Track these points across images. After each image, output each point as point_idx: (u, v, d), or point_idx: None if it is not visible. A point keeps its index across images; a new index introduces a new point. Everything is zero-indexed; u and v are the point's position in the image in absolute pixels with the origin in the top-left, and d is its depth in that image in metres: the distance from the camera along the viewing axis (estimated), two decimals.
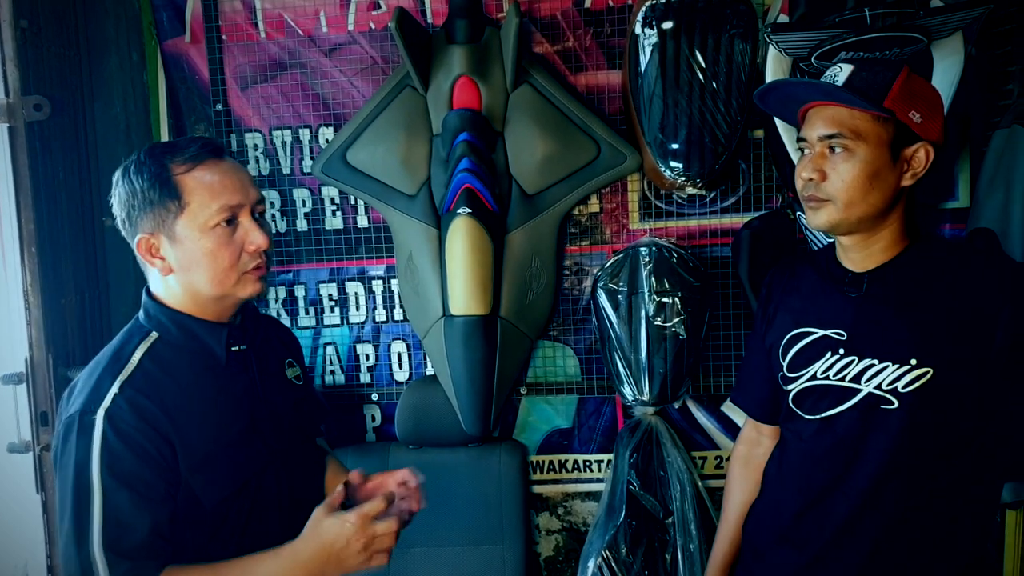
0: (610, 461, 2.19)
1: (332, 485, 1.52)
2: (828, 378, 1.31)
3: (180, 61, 2.16)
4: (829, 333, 1.32)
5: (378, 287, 2.22)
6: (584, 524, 2.25)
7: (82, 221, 2.06)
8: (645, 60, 1.92)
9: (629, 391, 2.03)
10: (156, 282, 1.26)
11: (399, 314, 2.22)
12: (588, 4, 2.05)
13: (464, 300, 1.96)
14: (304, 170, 2.18)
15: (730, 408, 2.15)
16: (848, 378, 1.28)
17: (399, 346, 2.24)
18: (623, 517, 2.04)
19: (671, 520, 2.04)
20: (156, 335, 1.24)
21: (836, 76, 1.26)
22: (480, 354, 2.00)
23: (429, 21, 2.10)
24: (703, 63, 1.88)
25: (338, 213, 2.20)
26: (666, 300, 1.98)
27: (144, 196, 1.19)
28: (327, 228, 2.20)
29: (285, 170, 2.18)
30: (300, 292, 2.22)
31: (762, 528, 1.47)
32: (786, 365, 1.38)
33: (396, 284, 2.19)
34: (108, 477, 1.12)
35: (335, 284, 2.23)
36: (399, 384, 2.24)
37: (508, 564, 2.13)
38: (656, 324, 1.98)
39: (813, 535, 1.34)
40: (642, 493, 2.06)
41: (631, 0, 2.04)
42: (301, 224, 2.20)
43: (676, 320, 1.98)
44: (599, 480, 2.22)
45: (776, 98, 1.38)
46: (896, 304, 1.27)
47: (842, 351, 1.30)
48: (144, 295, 1.28)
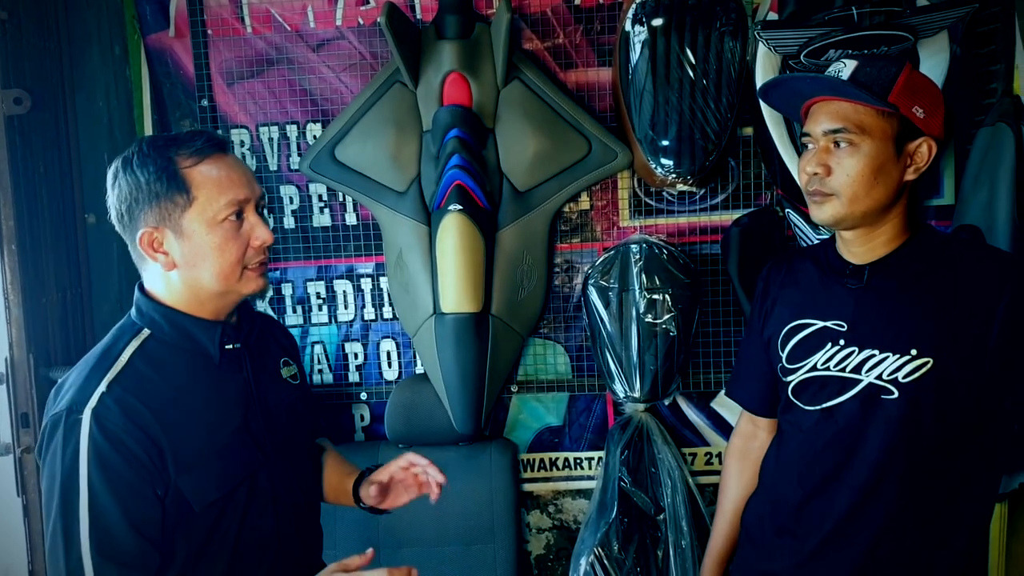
0: (601, 458, 2.19)
1: (332, 480, 1.50)
2: (828, 369, 1.32)
3: (164, 56, 2.13)
4: (829, 324, 1.33)
5: (367, 285, 2.20)
6: (575, 522, 2.25)
7: (63, 218, 2.02)
8: (635, 57, 1.92)
9: (620, 388, 2.03)
10: (153, 278, 1.23)
11: (388, 312, 2.20)
12: (578, 1, 2.05)
13: (455, 298, 1.95)
14: (291, 167, 2.15)
15: (720, 404, 2.16)
16: (849, 368, 1.29)
17: (388, 345, 2.22)
18: (615, 514, 2.03)
19: (663, 517, 2.04)
20: (148, 333, 1.21)
21: (840, 71, 1.27)
22: (471, 352, 1.99)
23: (418, 17, 2.08)
24: (693, 60, 1.89)
25: (326, 210, 2.18)
26: (656, 297, 1.98)
27: (150, 189, 1.16)
28: (315, 225, 2.18)
29: (272, 167, 2.16)
30: (287, 290, 2.19)
31: (761, 520, 1.48)
32: (785, 357, 1.39)
33: (385, 282, 2.17)
34: (94, 479, 1.09)
35: (323, 282, 2.20)
36: (388, 383, 2.22)
37: (499, 563, 2.12)
38: (647, 321, 1.99)
39: (815, 526, 1.35)
40: (633, 490, 2.06)
41: None
42: (288, 221, 2.17)
43: (666, 317, 1.99)
44: (590, 478, 2.22)
45: (780, 93, 1.39)
46: (897, 295, 1.28)
47: (843, 342, 1.31)
48: (137, 291, 1.25)
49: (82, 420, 1.10)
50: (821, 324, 1.34)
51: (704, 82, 1.89)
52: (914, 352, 1.23)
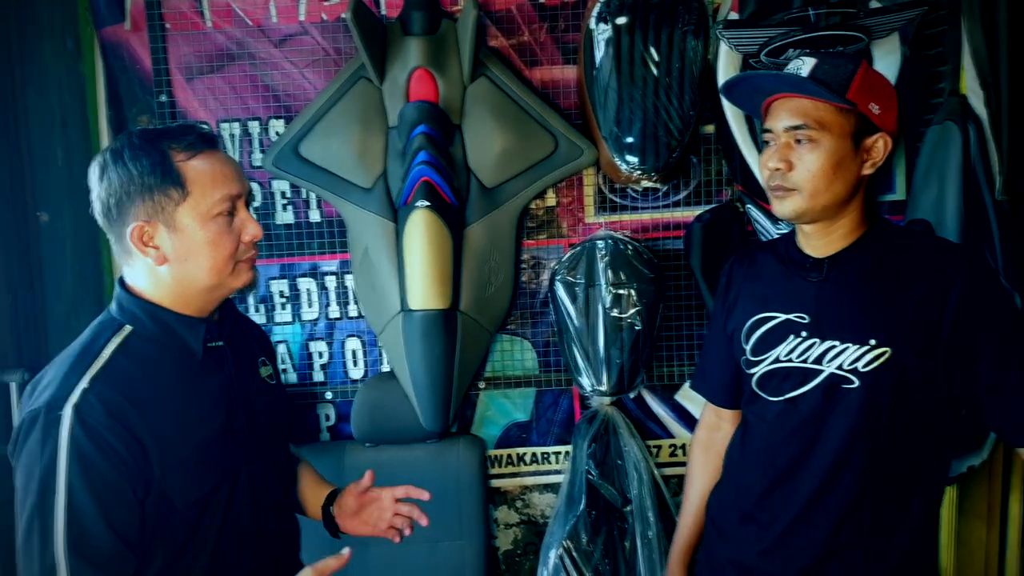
0: (568, 452, 2.21)
1: (307, 494, 1.49)
2: (791, 360, 1.35)
3: (119, 49, 2.07)
4: (792, 317, 1.36)
5: (331, 283, 2.18)
6: (542, 516, 2.26)
7: (14, 217, 1.96)
8: (600, 55, 1.95)
9: (587, 382, 2.05)
10: (138, 274, 1.20)
11: (354, 310, 2.18)
12: None
13: (423, 294, 1.95)
14: (254, 163, 2.12)
15: (684, 397, 2.20)
16: (811, 359, 1.32)
17: (354, 343, 2.20)
18: (583, 507, 2.06)
19: (629, 508, 2.07)
20: (130, 329, 1.18)
21: (800, 68, 1.29)
22: (440, 349, 1.98)
23: (383, 13, 2.08)
24: (657, 58, 1.93)
25: (289, 207, 2.15)
26: (622, 292, 2.01)
27: (143, 182, 1.13)
28: (277, 223, 2.15)
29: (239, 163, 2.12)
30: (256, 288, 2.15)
31: (726, 509, 1.50)
32: (749, 349, 1.41)
33: (351, 280, 2.16)
34: (74, 477, 1.06)
35: (286, 280, 2.17)
36: (354, 382, 2.20)
37: (467, 559, 2.12)
38: (613, 315, 2.01)
39: (779, 513, 1.37)
40: (601, 483, 2.08)
41: None
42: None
43: (632, 311, 2.02)
44: (557, 472, 2.24)
45: (742, 90, 1.41)
46: (856, 287, 1.32)
47: (804, 334, 1.33)
48: (118, 287, 1.22)
49: (63, 417, 1.07)
50: (784, 317, 1.37)
51: (667, 80, 1.93)
52: (873, 342, 1.27)
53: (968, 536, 2.05)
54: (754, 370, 1.40)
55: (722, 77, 1.92)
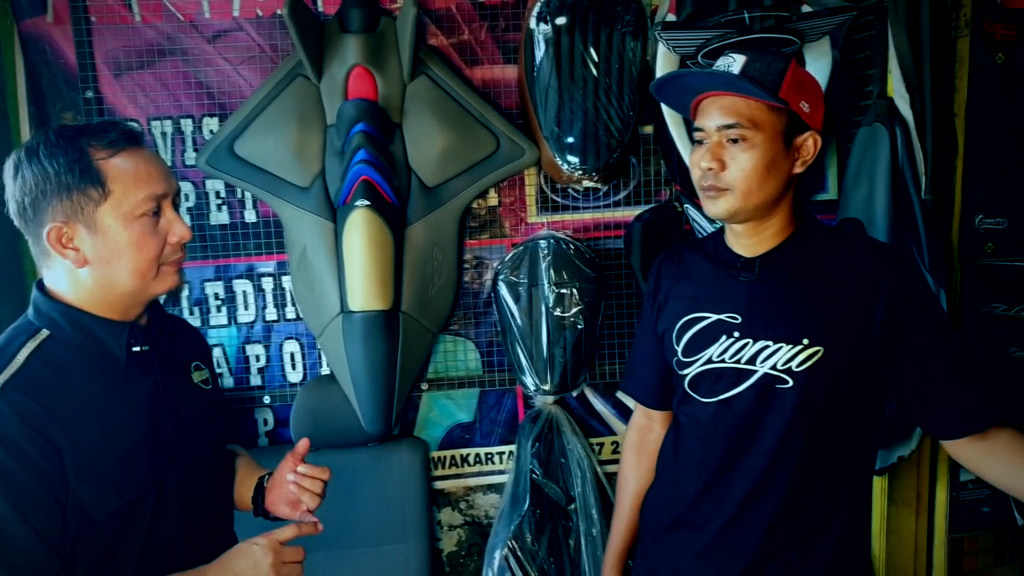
0: (512, 452, 2.20)
1: (244, 483, 1.44)
2: (724, 361, 1.33)
3: (41, 43, 1.99)
4: (723, 317, 1.35)
5: (268, 284, 2.13)
6: (486, 517, 2.25)
7: None
8: (540, 54, 1.95)
9: (531, 381, 2.05)
10: (57, 276, 1.15)
11: (291, 312, 2.14)
12: None
13: (364, 295, 1.92)
14: (187, 162, 2.06)
15: (625, 395, 2.22)
16: (744, 360, 1.31)
17: (292, 346, 2.16)
18: (527, 506, 2.06)
19: (573, 506, 2.08)
20: (47, 333, 1.13)
21: (730, 66, 1.27)
22: (381, 350, 1.96)
23: (320, 9, 2.04)
24: (596, 59, 1.94)
25: (224, 207, 2.09)
26: (565, 291, 2.02)
27: (60, 181, 1.08)
28: (212, 223, 2.09)
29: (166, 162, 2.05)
30: (183, 291, 2.09)
31: (660, 512, 1.48)
32: (681, 350, 1.40)
33: (288, 281, 2.11)
34: None
35: (221, 282, 2.12)
36: (293, 386, 2.16)
37: (411, 562, 2.11)
38: (556, 315, 2.02)
39: (713, 515, 1.37)
40: (545, 481, 2.09)
41: None
42: (184, 219, 2.07)
43: (575, 310, 2.03)
44: (501, 472, 2.23)
45: (673, 88, 1.38)
46: (787, 287, 1.31)
47: (737, 334, 1.33)
48: (35, 290, 1.17)
49: None
50: (715, 317, 1.36)
51: (607, 80, 1.94)
52: (806, 341, 1.27)
53: (898, 524, 2.12)
54: (686, 371, 1.38)
55: None
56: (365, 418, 2.02)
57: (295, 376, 2.17)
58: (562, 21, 1.93)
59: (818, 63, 1.94)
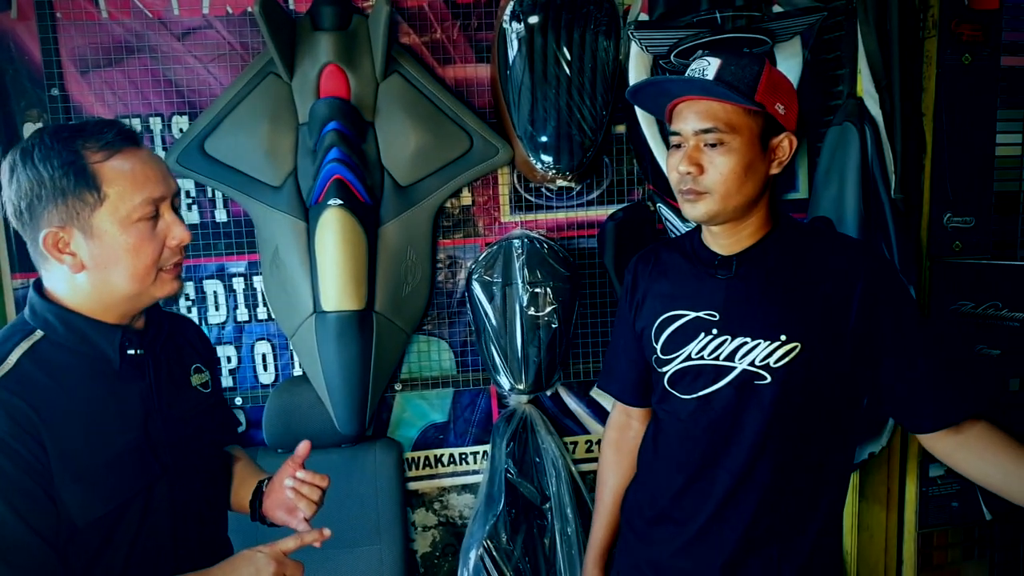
0: (486, 452, 2.20)
1: (242, 486, 1.41)
2: (703, 358, 1.35)
3: (5, 39, 1.95)
4: (701, 314, 1.36)
5: (239, 285, 2.11)
6: (461, 517, 2.25)
7: None
8: (513, 54, 1.95)
9: (505, 380, 2.05)
10: (56, 280, 1.13)
11: (263, 313, 2.11)
12: None
13: (337, 295, 1.91)
14: None
15: (599, 393, 2.23)
16: (723, 357, 1.33)
17: (264, 347, 2.14)
18: (502, 506, 2.06)
19: (548, 505, 2.08)
20: (41, 334, 1.12)
21: (705, 69, 1.29)
22: (355, 351, 1.94)
23: (292, 7, 2.02)
24: (569, 58, 1.94)
25: (194, 207, 2.07)
26: (539, 290, 2.02)
27: (54, 185, 1.05)
28: None
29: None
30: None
31: (641, 508, 1.49)
32: (660, 348, 1.41)
33: (259, 281, 2.09)
34: None
35: (192, 283, 2.09)
36: (265, 387, 2.13)
37: (385, 564, 2.09)
38: (530, 314, 2.02)
39: (695, 511, 1.38)
40: (520, 481, 2.09)
41: None
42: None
43: (548, 309, 2.03)
44: (475, 472, 2.23)
45: (648, 94, 1.40)
46: (765, 284, 1.33)
47: (715, 331, 1.34)
48: (31, 291, 1.15)
49: None
50: (693, 314, 1.37)
51: (580, 80, 1.94)
52: (783, 337, 1.28)
53: (869, 520, 2.14)
54: (666, 368, 1.40)
55: (633, 77, 1.95)
56: (339, 419, 2.01)
57: (267, 377, 2.15)
58: (535, 20, 1.93)
59: (789, 63, 1.96)
